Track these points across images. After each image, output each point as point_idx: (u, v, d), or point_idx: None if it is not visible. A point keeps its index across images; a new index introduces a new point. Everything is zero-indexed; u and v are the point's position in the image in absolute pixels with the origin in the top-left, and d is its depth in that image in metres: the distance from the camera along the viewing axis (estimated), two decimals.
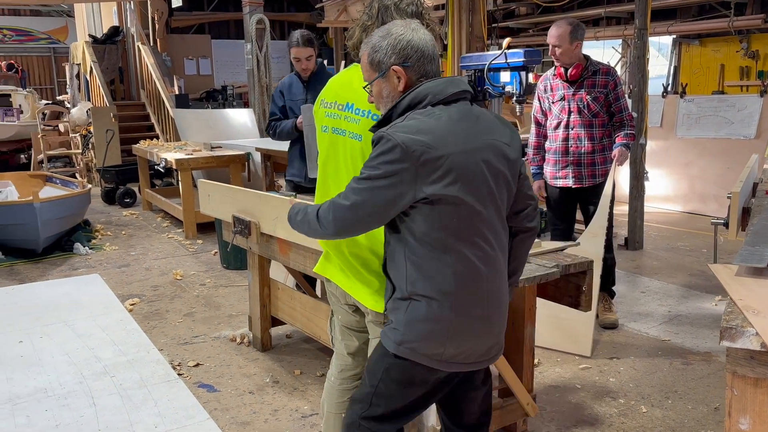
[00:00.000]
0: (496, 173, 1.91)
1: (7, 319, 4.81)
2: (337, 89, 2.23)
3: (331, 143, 2.21)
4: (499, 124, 1.97)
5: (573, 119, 4.23)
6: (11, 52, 25.51)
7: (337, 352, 2.47)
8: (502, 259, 1.99)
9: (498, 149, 1.92)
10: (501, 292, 2.00)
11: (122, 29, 14.23)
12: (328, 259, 2.31)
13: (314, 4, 15.49)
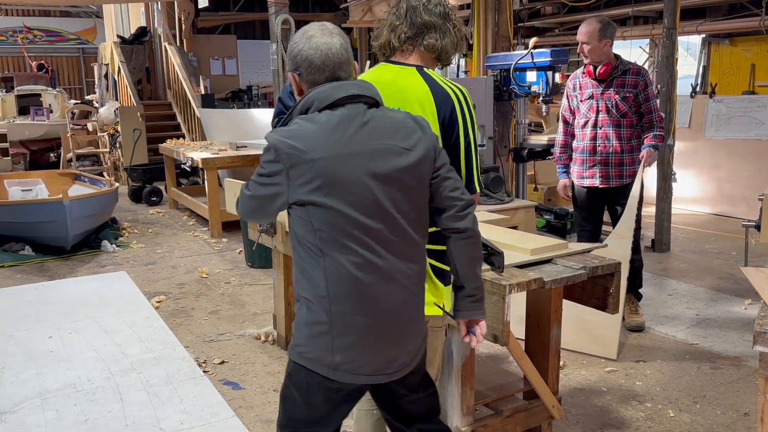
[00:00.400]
0: (387, 179, 1.85)
1: (38, 314, 4.89)
2: None
3: None
4: (401, 128, 1.91)
5: (601, 118, 4.19)
6: (42, 52, 25.96)
7: None
8: (403, 267, 1.90)
9: (389, 154, 1.86)
10: (395, 303, 1.90)
11: (149, 30, 14.40)
12: None
13: (339, 4, 15.53)
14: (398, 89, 2.13)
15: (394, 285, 1.90)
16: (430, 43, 2.12)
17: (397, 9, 2.15)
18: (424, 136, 1.92)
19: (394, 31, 2.14)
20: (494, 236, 2.81)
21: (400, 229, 1.89)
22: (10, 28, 25.57)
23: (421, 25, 2.11)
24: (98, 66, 15.63)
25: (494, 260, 2.51)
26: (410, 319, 1.96)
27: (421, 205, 1.93)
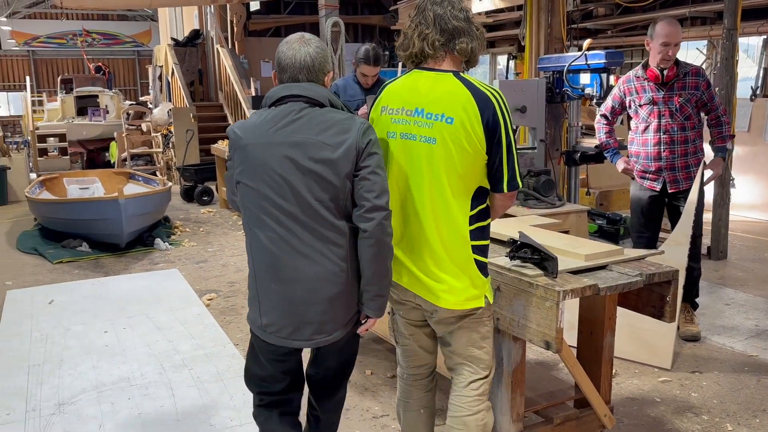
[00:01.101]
0: (304, 168, 2.13)
1: (94, 309, 5.04)
2: (403, 95, 2.30)
3: (401, 149, 2.28)
4: (332, 127, 2.15)
5: (665, 123, 4.08)
6: (99, 54, 26.79)
7: (406, 348, 2.53)
8: (319, 246, 2.16)
9: (308, 148, 2.13)
10: (308, 276, 2.17)
11: (202, 32, 14.70)
12: (402, 265, 2.36)
13: (388, 6, 15.56)
14: (440, 94, 2.21)
15: (307, 260, 2.16)
16: (462, 48, 2.22)
17: (423, 18, 2.24)
18: (353, 138, 2.14)
19: (426, 40, 2.22)
20: (547, 241, 2.77)
21: (316, 214, 2.14)
22: (71, 31, 26.47)
23: (451, 30, 2.21)
24: (153, 68, 16.03)
25: (547, 265, 2.48)
26: (326, 294, 2.19)
27: (342, 196, 2.16)
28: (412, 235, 2.29)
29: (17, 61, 26.57)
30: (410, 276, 2.32)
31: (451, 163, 2.18)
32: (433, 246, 2.25)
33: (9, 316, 4.94)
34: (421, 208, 2.25)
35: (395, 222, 2.28)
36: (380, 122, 2.33)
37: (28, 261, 6.71)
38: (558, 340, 2.36)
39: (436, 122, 2.18)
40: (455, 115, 2.15)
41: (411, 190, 2.26)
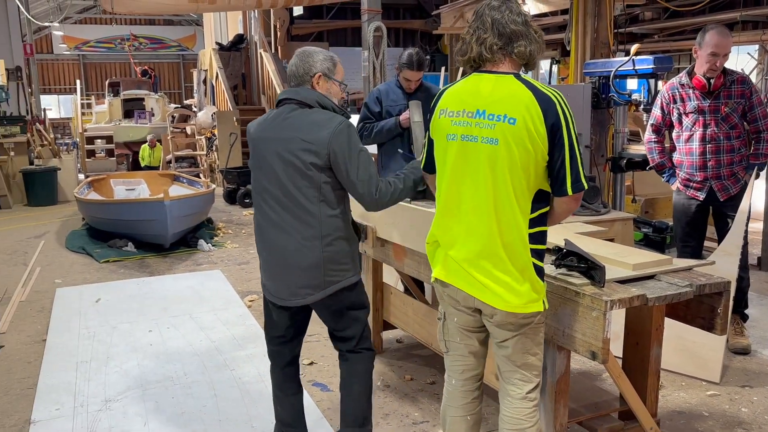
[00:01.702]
0: (285, 159, 2.59)
1: (139, 308, 5.14)
2: (463, 97, 2.31)
3: (460, 150, 2.28)
4: (312, 126, 2.58)
5: (710, 132, 3.98)
6: (145, 58, 27.45)
7: (456, 354, 2.51)
8: (295, 224, 2.62)
9: (291, 143, 2.59)
10: (286, 252, 2.66)
11: (246, 37, 14.92)
12: (447, 262, 2.37)
13: (430, 11, 15.56)
14: (502, 96, 2.22)
15: (286, 235, 2.65)
16: (520, 51, 2.25)
17: (481, 23, 2.27)
18: (327, 138, 2.55)
19: (484, 44, 2.25)
20: (593, 249, 2.72)
21: (294, 198, 2.61)
22: (119, 36, 27.19)
23: (509, 34, 2.23)
24: (197, 72, 16.34)
25: (594, 274, 2.43)
26: (297, 264, 2.65)
27: (316, 184, 2.58)
28: (471, 237, 2.28)
29: (68, 65, 27.40)
30: (468, 278, 2.30)
31: (514, 164, 2.18)
32: (494, 248, 2.24)
33: (58, 313, 5.08)
34: (481, 209, 2.24)
35: (451, 224, 2.32)
36: (439, 125, 2.35)
37: (77, 260, 6.89)
38: (604, 350, 2.32)
39: (498, 123, 2.18)
40: (518, 116, 2.16)
41: (470, 191, 2.27)
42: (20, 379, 3.95)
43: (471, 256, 2.29)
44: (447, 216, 2.34)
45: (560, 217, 2.37)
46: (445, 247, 2.37)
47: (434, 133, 2.35)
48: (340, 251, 2.67)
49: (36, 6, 19.98)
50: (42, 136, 12.00)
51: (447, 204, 2.34)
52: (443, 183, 2.36)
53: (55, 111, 25.72)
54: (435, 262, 2.43)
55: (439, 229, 2.38)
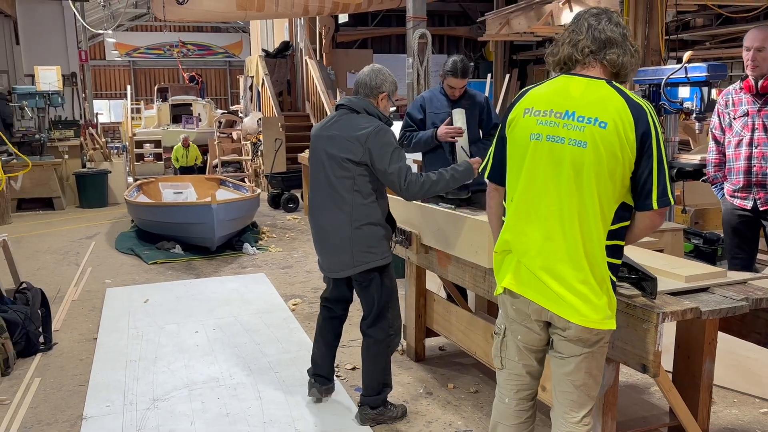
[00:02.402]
0: (330, 156, 3.14)
1: (186, 310, 5.25)
2: (551, 97, 2.24)
3: (544, 151, 2.20)
4: (353, 128, 3.10)
5: (757, 137, 3.87)
6: (193, 65, 28.03)
7: (512, 372, 2.41)
8: (337, 211, 3.14)
9: (336, 141, 3.13)
10: (326, 231, 3.21)
11: (292, 44, 15.11)
12: (520, 270, 2.25)
13: (475, 18, 15.52)
14: (594, 99, 2.15)
15: (325, 217, 3.20)
16: (612, 59, 2.19)
17: (577, 26, 2.25)
18: (365, 137, 3.07)
19: (576, 46, 2.22)
20: (644, 260, 2.67)
21: (333, 186, 3.14)
22: (168, 42, 27.83)
23: (604, 40, 2.19)
24: (244, 78, 16.61)
25: (646, 285, 2.39)
26: (332, 241, 3.19)
27: (351, 176, 3.10)
28: (550, 243, 2.17)
29: (119, 70, 28.17)
30: (543, 288, 2.18)
31: (601, 168, 2.10)
32: (575, 255, 2.13)
33: (108, 313, 5.21)
34: (563, 213, 2.15)
35: (527, 229, 2.22)
36: (523, 124, 2.26)
37: (126, 261, 7.07)
38: (656, 363, 2.28)
39: (588, 125, 2.11)
40: (609, 120, 2.09)
41: (552, 194, 2.17)
42: (73, 375, 4.07)
43: (549, 263, 2.17)
44: (523, 220, 2.23)
45: (641, 233, 2.25)
46: (518, 254, 2.24)
47: (515, 133, 2.27)
48: (369, 235, 3.15)
49: (91, 14, 20.62)
50: (94, 140, 12.36)
51: (523, 207, 2.24)
52: (518, 185, 2.26)
53: (105, 115, 26.44)
54: (504, 270, 2.30)
55: (513, 235, 2.25)
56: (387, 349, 3.31)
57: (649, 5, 5.66)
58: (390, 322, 3.30)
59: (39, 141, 10.60)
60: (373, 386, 3.33)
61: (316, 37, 14.86)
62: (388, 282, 3.27)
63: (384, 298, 3.25)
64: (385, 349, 3.31)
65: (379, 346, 3.29)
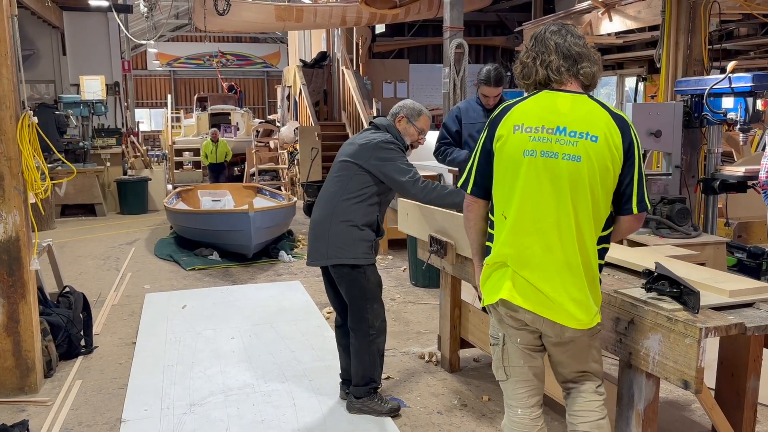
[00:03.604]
0: (340, 159, 3.49)
1: (223, 316, 5.31)
2: (541, 114, 2.30)
3: (539, 167, 2.27)
4: (366, 138, 3.48)
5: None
6: (232, 74, 28.46)
7: (519, 379, 2.45)
8: (326, 206, 3.45)
9: (351, 147, 3.50)
10: (314, 222, 3.51)
11: (329, 54, 15.24)
12: (517, 282, 2.31)
13: (512, 28, 15.46)
14: (583, 114, 2.26)
15: (318, 210, 3.51)
16: (586, 72, 2.31)
17: (544, 47, 2.33)
18: (371, 146, 3.42)
19: (549, 66, 2.30)
20: (685, 273, 2.62)
21: (331, 183, 3.50)
22: (207, 52, 28.33)
23: (574, 55, 2.29)
24: (282, 88, 16.80)
25: (688, 300, 2.34)
26: (318, 232, 3.47)
27: (347, 176, 3.42)
28: (551, 255, 2.26)
29: (160, 80, 28.76)
30: (541, 298, 2.27)
31: (595, 181, 2.22)
32: (573, 266, 2.25)
33: (147, 318, 5.30)
34: (562, 226, 2.24)
35: (527, 242, 2.28)
36: (514, 140, 2.31)
37: (164, 266, 7.19)
38: (698, 380, 2.22)
39: (581, 140, 2.22)
40: (600, 134, 2.21)
41: (551, 208, 2.25)
42: (112, 378, 4.15)
43: (549, 274, 2.26)
44: (521, 234, 2.29)
45: (622, 236, 2.44)
46: (516, 267, 2.30)
47: (505, 149, 2.32)
48: (346, 233, 3.38)
49: (134, 25, 21.12)
50: (135, 148, 12.63)
51: (520, 221, 2.30)
52: (513, 200, 2.31)
53: (146, 124, 27.01)
54: (499, 282, 2.34)
55: (512, 248, 2.30)
56: (370, 346, 3.50)
57: (691, 14, 5.56)
58: (370, 323, 3.48)
59: (83, 149, 10.88)
60: (359, 378, 3.54)
61: (353, 47, 14.96)
62: (364, 283, 3.44)
63: (358, 296, 3.45)
64: (368, 346, 3.49)
65: (361, 343, 3.49)
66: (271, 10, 12.64)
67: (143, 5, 13.84)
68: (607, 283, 2.76)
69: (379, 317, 3.53)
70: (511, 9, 16.24)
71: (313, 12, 12.87)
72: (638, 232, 4.65)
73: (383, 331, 3.57)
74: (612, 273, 2.94)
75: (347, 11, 12.53)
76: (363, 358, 3.52)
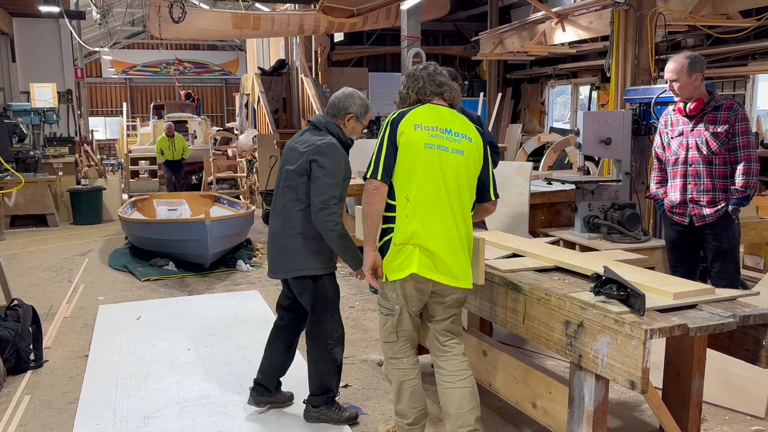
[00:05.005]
0: (285, 166, 3.40)
1: (178, 327, 5.23)
2: (433, 117, 2.96)
3: (437, 158, 2.88)
4: (307, 142, 3.34)
5: (691, 156, 3.98)
6: (189, 82, 28.11)
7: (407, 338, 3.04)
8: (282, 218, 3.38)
9: (292, 154, 3.39)
10: (272, 234, 3.46)
11: (288, 62, 15.21)
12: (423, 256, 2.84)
13: (469, 37, 15.67)
14: (458, 120, 3.00)
15: (274, 222, 3.43)
16: (448, 95, 3.06)
17: (415, 80, 3.07)
18: (307, 153, 3.29)
19: (420, 91, 3.04)
20: (633, 277, 2.69)
21: (282, 195, 3.40)
22: (164, 60, 27.93)
23: (440, 83, 3.04)
24: (240, 95, 16.68)
25: (634, 302, 2.41)
26: (277, 245, 3.42)
27: (295, 186, 3.33)
28: (450, 230, 2.86)
29: (115, 88, 28.23)
30: (441, 267, 2.84)
31: (471, 171, 2.95)
32: (462, 238, 2.89)
33: (101, 330, 5.19)
34: (455, 206, 2.88)
35: (431, 220, 2.83)
36: (415, 135, 2.89)
37: (119, 277, 7.05)
38: (644, 380, 2.29)
39: (462, 139, 2.94)
40: (472, 135, 2.98)
41: (447, 192, 2.87)
42: (63, 393, 4.05)
43: (451, 247, 2.86)
44: (425, 213, 2.84)
45: (481, 218, 3.23)
46: (423, 242, 2.83)
47: (408, 142, 2.87)
48: (303, 244, 3.33)
49: (87, 32, 20.73)
50: (89, 157, 12.37)
51: (423, 203, 2.85)
52: (414, 185, 2.86)
53: (101, 132, 26.46)
54: (408, 259, 2.84)
55: (420, 225, 2.83)
56: (328, 355, 3.48)
57: (638, 25, 5.74)
58: (329, 333, 3.46)
59: (33, 158, 10.60)
60: (315, 388, 3.53)
61: (312, 56, 14.96)
62: (325, 293, 3.42)
63: (319, 306, 3.43)
64: (325, 355, 3.47)
65: (319, 352, 3.48)
66: (228, 17, 12.57)
67: (96, 12, 13.60)
68: (558, 287, 2.82)
69: (339, 328, 3.52)
70: (468, 19, 16.48)
71: (271, 20, 12.84)
72: (590, 237, 4.77)
73: (341, 341, 3.55)
74: (562, 277, 3.01)
75: (305, 19, 12.53)
76: (320, 367, 3.49)
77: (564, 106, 16.24)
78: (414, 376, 3.09)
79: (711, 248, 4.01)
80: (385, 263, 2.91)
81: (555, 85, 15.50)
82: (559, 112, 16.29)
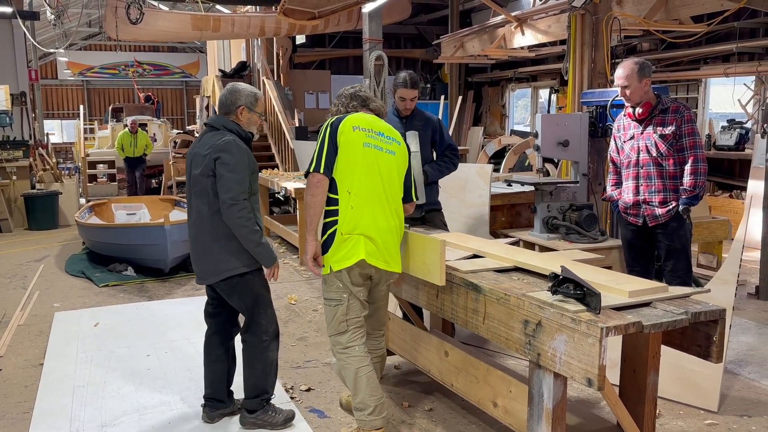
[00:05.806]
0: (193, 171, 3.35)
1: (137, 333, 5.14)
2: (368, 121, 3.31)
3: (375, 156, 3.22)
4: (208, 145, 3.30)
5: (642, 158, 4.10)
6: (149, 84, 27.67)
7: (357, 326, 3.24)
8: (200, 222, 3.36)
9: (196, 158, 3.34)
10: (193, 240, 3.43)
11: (249, 64, 15.07)
12: (368, 245, 3.12)
13: (430, 41, 15.76)
14: (387, 126, 3.39)
15: (193, 228, 3.41)
16: (374, 106, 3.45)
17: (343, 98, 3.47)
18: (209, 154, 3.27)
19: (350, 105, 3.43)
20: (589, 276, 2.74)
21: (195, 198, 3.37)
22: (123, 62, 27.46)
23: (364, 98, 3.45)
24: (200, 98, 16.46)
25: (590, 301, 2.45)
26: (199, 250, 3.40)
27: (205, 189, 3.29)
28: (390, 221, 3.19)
29: (72, 90, 27.62)
30: (384, 255, 3.17)
31: (402, 170, 3.36)
32: (398, 229, 3.27)
33: (56, 337, 5.07)
34: (390, 200, 3.23)
35: (372, 212, 3.14)
36: (354, 136, 3.20)
37: (76, 284, 6.89)
38: (600, 377, 2.33)
39: (393, 142, 3.32)
40: (399, 140, 3.39)
41: (384, 187, 3.20)
42: (17, 403, 3.94)
43: (388, 236, 3.18)
44: (367, 206, 3.13)
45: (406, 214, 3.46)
46: (367, 232, 3.12)
47: (348, 141, 3.17)
48: (225, 246, 3.30)
49: (42, 33, 20.24)
50: (44, 161, 12.06)
51: (364, 196, 3.14)
52: (355, 180, 3.15)
53: (57, 136, 25.84)
54: (354, 248, 3.10)
55: (365, 217, 3.11)
56: (263, 353, 3.44)
57: (594, 29, 5.85)
58: (264, 328, 3.44)
59: None
60: (250, 390, 3.49)
61: (274, 58, 14.86)
62: (253, 288, 3.41)
63: (250, 304, 3.42)
64: (260, 354, 3.43)
65: (253, 351, 3.44)
66: (187, 19, 12.41)
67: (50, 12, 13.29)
68: (517, 287, 2.86)
69: (273, 322, 3.48)
70: (429, 22, 16.57)
71: (231, 22, 12.72)
72: (549, 238, 4.84)
73: (276, 337, 3.50)
74: (522, 277, 3.05)
75: (266, 21, 12.45)
76: (255, 367, 3.44)
77: (525, 109, 16.46)
78: (368, 363, 3.22)
79: (663, 247, 4.12)
80: (330, 254, 3.14)
81: (515, 88, 15.69)
82: (520, 115, 16.49)
